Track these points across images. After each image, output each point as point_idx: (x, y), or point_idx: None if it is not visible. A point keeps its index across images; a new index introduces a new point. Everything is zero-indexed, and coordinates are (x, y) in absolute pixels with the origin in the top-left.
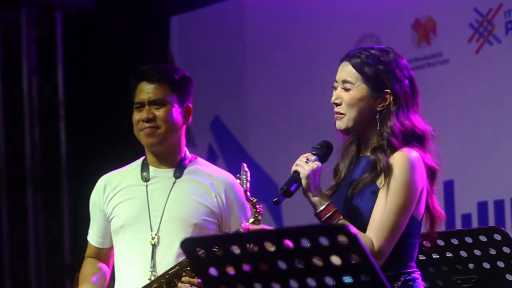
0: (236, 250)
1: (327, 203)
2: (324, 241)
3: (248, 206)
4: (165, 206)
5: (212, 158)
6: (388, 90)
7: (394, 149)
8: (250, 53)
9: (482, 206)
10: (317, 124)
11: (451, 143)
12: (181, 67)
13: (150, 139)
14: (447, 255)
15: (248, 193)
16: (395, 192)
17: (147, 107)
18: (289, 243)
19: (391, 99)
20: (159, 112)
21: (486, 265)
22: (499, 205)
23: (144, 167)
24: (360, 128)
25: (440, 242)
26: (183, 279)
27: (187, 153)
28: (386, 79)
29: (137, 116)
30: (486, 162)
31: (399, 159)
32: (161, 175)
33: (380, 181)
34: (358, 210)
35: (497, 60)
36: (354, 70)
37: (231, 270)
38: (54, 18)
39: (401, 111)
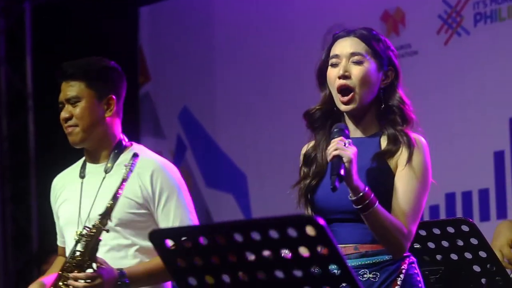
0: (204, 241)
1: (366, 189)
2: (292, 232)
3: (184, 188)
4: (93, 203)
5: (180, 149)
6: (392, 67)
7: (408, 122)
8: (219, 43)
9: (450, 198)
10: (286, 115)
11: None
12: (150, 57)
13: (71, 138)
14: (415, 246)
15: None
16: (421, 177)
17: (66, 106)
18: (257, 234)
19: (393, 76)
20: (75, 110)
21: (454, 257)
22: (467, 197)
23: (83, 164)
24: (364, 105)
25: None
26: (71, 275)
27: (122, 143)
28: (389, 55)
29: (61, 116)
30: (454, 153)
31: (422, 145)
32: (94, 170)
33: (394, 160)
34: (376, 186)
35: (466, 51)
36: (363, 44)
37: (199, 262)
38: (22, 9)
39: (401, 88)
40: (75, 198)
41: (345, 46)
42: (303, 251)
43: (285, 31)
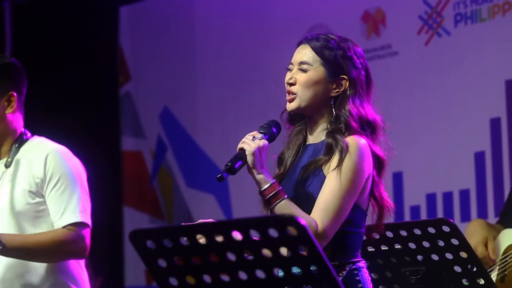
0: (185, 241)
1: (271, 182)
2: (273, 232)
3: (80, 177)
4: None
5: (161, 149)
6: (345, 76)
7: (352, 131)
8: (199, 43)
9: (430, 198)
10: (267, 115)
11: (400, 135)
12: (130, 57)
13: None
14: (396, 247)
15: None
16: (342, 176)
17: None
18: (238, 234)
19: (347, 85)
20: None
21: (435, 257)
22: (448, 197)
23: None
24: (311, 111)
25: (389, 234)
26: None
27: (23, 137)
28: (344, 64)
29: None
30: (434, 154)
31: (353, 148)
32: None
33: (327, 167)
34: (308, 194)
35: (446, 52)
36: (313, 53)
37: (180, 262)
38: (2, 8)
39: (356, 98)
40: None
41: (297, 54)
42: (284, 252)
43: (266, 31)
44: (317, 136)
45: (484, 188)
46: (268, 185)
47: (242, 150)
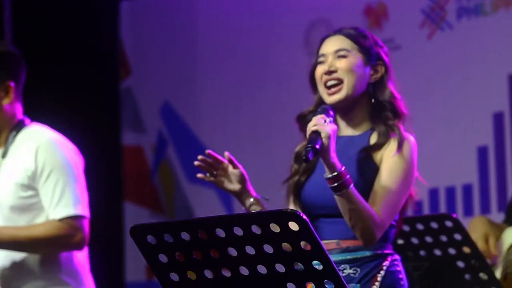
0: (186, 236)
1: (342, 168)
2: (274, 227)
3: (76, 167)
4: None
5: (162, 144)
6: (381, 62)
7: (399, 116)
8: (200, 38)
9: (433, 193)
10: (269, 111)
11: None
12: (131, 52)
13: None
14: (399, 242)
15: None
16: (404, 173)
17: None
18: (239, 229)
19: (383, 71)
20: None
21: (438, 252)
22: (451, 192)
23: None
24: (352, 99)
25: None
26: None
27: (20, 125)
28: (378, 51)
29: None
30: (437, 148)
31: (409, 143)
32: None
33: (380, 155)
34: (359, 182)
35: (449, 46)
36: (347, 40)
37: (181, 257)
38: (2, 3)
39: (392, 84)
40: None
41: (330, 45)
42: (286, 247)
43: (268, 25)
44: (356, 127)
45: (487, 182)
46: (338, 171)
47: (316, 133)
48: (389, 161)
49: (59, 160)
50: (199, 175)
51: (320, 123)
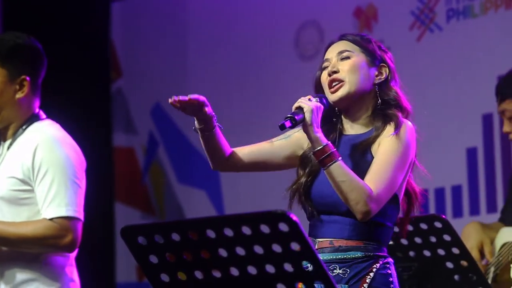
0: (176, 237)
1: (326, 143)
2: (265, 228)
3: (77, 166)
4: None
5: (153, 145)
6: (384, 64)
7: (403, 110)
8: (191, 39)
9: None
10: (260, 111)
11: None
12: (122, 53)
13: None
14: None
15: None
16: (399, 152)
17: None
18: (229, 230)
19: (388, 72)
20: None
21: (427, 253)
22: (440, 193)
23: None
24: (356, 100)
25: None
26: None
27: (32, 119)
28: (381, 54)
29: None
30: (427, 150)
31: (408, 127)
32: (2, 146)
33: (377, 145)
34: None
35: (438, 48)
36: (351, 43)
37: (171, 258)
38: None
39: (396, 86)
40: None
41: (334, 49)
42: (276, 248)
43: (259, 26)
44: (360, 127)
45: (476, 184)
46: (323, 145)
47: (299, 108)
48: (385, 142)
49: (58, 158)
50: (170, 100)
51: (304, 100)
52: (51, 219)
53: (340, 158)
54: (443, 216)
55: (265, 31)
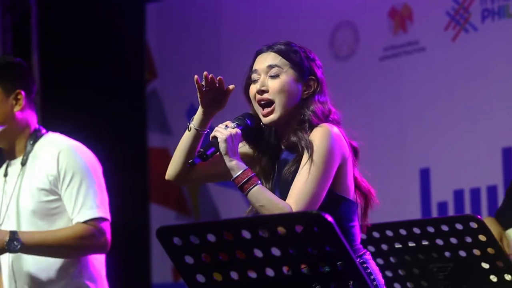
0: (212, 238)
1: (244, 168)
2: (299, 229)
3: (95, 171)
4: (10, 197)
5: None
6: (313, 77)
7: (313, 126)
8: (225, 40)
9: (458, 194)
10: None
11: (427, 131)
12: (157, 54)
13: None
14: (423, 243)
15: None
16: (315, 161)
17: None
18: (264, 231)
19: (315, 86)
20: None
21: (462, 253)
22: (475, 193)
23: (7, 162)
24: (286, 116)
25: (416, 230)
26: None
27: (36, 134)
28: (310, 66)
29: None
30: (462, 150)
31: (319, 131)
32: (13, 164)
33: (303, 160)
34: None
35: (473, 48)
36: (279, 57)
37: (207, 258)
38: (29, 5)
39: (322, 97)
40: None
41: (263, 61)
42: (311, 249)
43: (292, 29)
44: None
45: None
46: (240, 171)
47: (215, 138)
48: (303, 163)
49: (80, 164)
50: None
51: (220, 129)
52: (84, 222)
53: (259, 182)
54: (479, 217)
55: (300, 32)
